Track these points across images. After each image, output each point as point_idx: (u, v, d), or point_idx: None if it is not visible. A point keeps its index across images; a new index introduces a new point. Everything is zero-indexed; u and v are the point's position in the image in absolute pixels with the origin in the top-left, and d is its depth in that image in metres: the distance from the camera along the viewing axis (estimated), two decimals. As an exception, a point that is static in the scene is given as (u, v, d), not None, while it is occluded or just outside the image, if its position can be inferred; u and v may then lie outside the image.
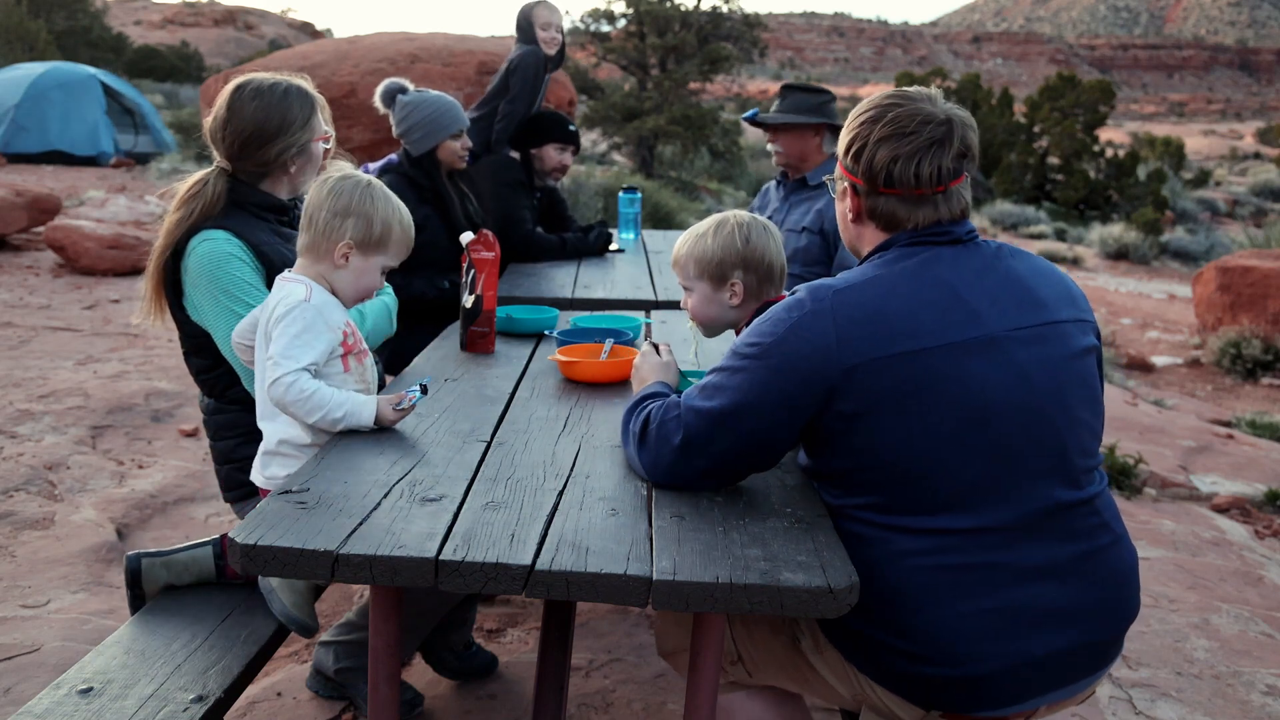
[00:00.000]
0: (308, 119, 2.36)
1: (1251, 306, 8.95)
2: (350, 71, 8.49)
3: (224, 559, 2.22)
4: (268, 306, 2.03)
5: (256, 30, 67.91)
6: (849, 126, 1.77)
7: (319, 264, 2.07)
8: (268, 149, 2.32)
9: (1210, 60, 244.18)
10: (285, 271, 2.10)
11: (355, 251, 2.05)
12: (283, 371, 1.92)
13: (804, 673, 1.77)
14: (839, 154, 1.80)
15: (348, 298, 2.10)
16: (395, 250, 2.12)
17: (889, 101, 1.74)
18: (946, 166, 1.69)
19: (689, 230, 2.22)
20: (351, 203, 2.04)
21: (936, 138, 1.68)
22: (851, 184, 1.76)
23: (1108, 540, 1.67)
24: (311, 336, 1.96)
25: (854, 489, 1.65)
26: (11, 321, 6.56)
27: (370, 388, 2.11)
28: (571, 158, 4.31)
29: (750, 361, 1.64)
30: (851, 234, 1.82)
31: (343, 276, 2.07)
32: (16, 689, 2.63)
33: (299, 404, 1.92)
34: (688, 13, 21.63)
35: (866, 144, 1.71)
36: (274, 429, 2.03)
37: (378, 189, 2.09)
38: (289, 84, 2.37)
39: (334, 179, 2.07)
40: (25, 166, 14.60)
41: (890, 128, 1.69)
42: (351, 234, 2.04)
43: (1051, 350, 1.64)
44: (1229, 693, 2.93)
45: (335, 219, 2.03)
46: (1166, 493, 4.83)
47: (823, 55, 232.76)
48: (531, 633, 3.07)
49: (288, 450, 2.02)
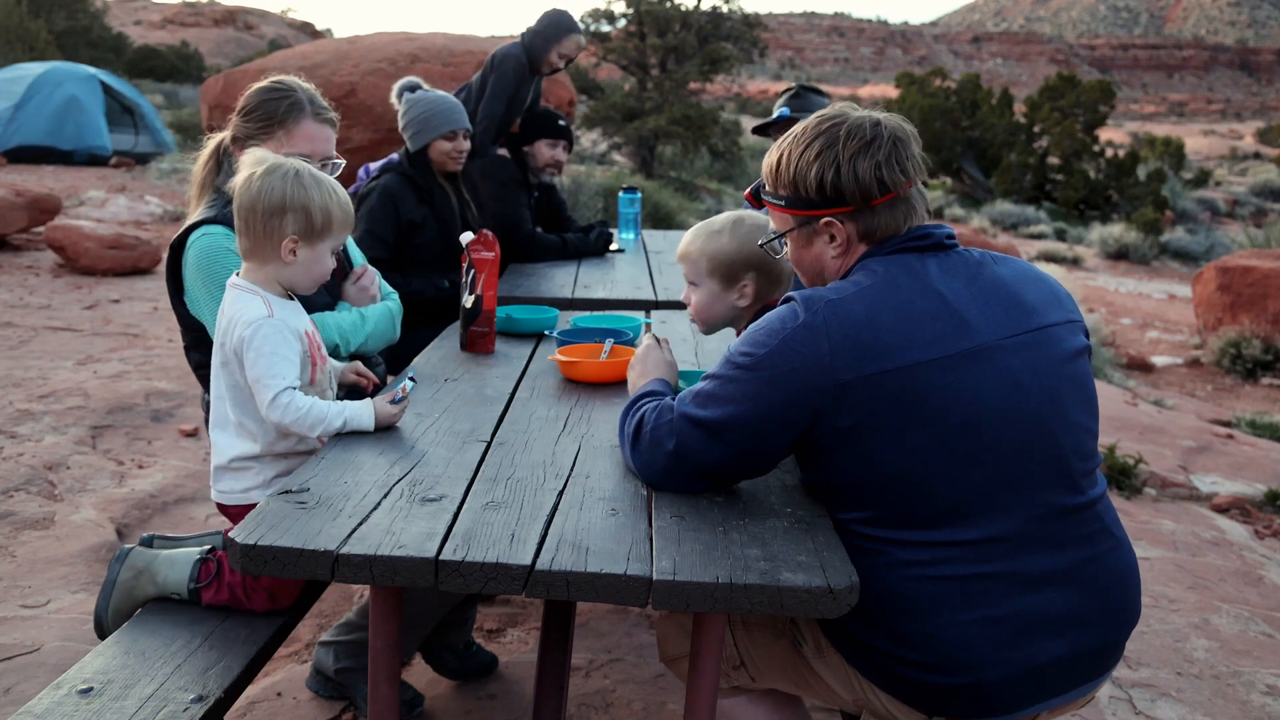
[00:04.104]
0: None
1: (1251, 306, 8.95)
2: (350, 71, 8.48)
3: (199, 581, 2.07)
4: (224, 316, 2.00)
5: (256, 30, 67.90)
6: (803, 167, 1.70)
7: (266, 265, 2.02)
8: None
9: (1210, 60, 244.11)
10: (235, 277, 2.05)
11: (301, 244, 2.00)
12: (274, 394, 1.92)
13: (805, 676, 1.76)
14: (802, 200, 1.71)
15: (304, 288, 2.08)
16: (339, 231, 2.06)
17: (828, 125, 1.70)
18: (918, 155, 1.71)
19: (701, 225, 2.15)
20: (285, 197, 1.97)
21: (892, 134, 1.69)
22: (835, 217, 1.70)
23: (1108, 545, 1.66)
24: (286, 351, 1.95)
25: (849, 503, 1.64)
26: (11, 321, 6.56)
27: (330, 394, 2.12)
28: (564, 153, 4.30)
29: (743, 373, 1.63)
30: (832, 270, 1.75)
31: (294, 271, 2.03)
32: (16, 689, 2.63)
33: (299, 422, 1.93)
34: (688, 13, 21.62)
35: (839, 167, 1.67)
36: (227, 442, 2.04)
37: (305, 174, 2.01)
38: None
39: (258, 175, 1.98)
40: (25, 166, 14.59)
41: (854, 142, 1.67)
42: (293, 229, 1.98)
43: (1043, 355, 1.64)
44: (1229, 693, 2.93)
45: (273, 218, 1.97)
46: (1166, 493, 4.83)
47: (823, 55, 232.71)
48: (531, 633, 3.07)
49: (240, 465, 2.04)
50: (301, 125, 2.39)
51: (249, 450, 2.03)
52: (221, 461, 2.06)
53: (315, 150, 2.41)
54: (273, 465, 2.05)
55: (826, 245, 1.74)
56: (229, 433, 2.05)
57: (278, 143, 2.37)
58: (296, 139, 2.38)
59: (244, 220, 2.00)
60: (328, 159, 2.44)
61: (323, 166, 2.41)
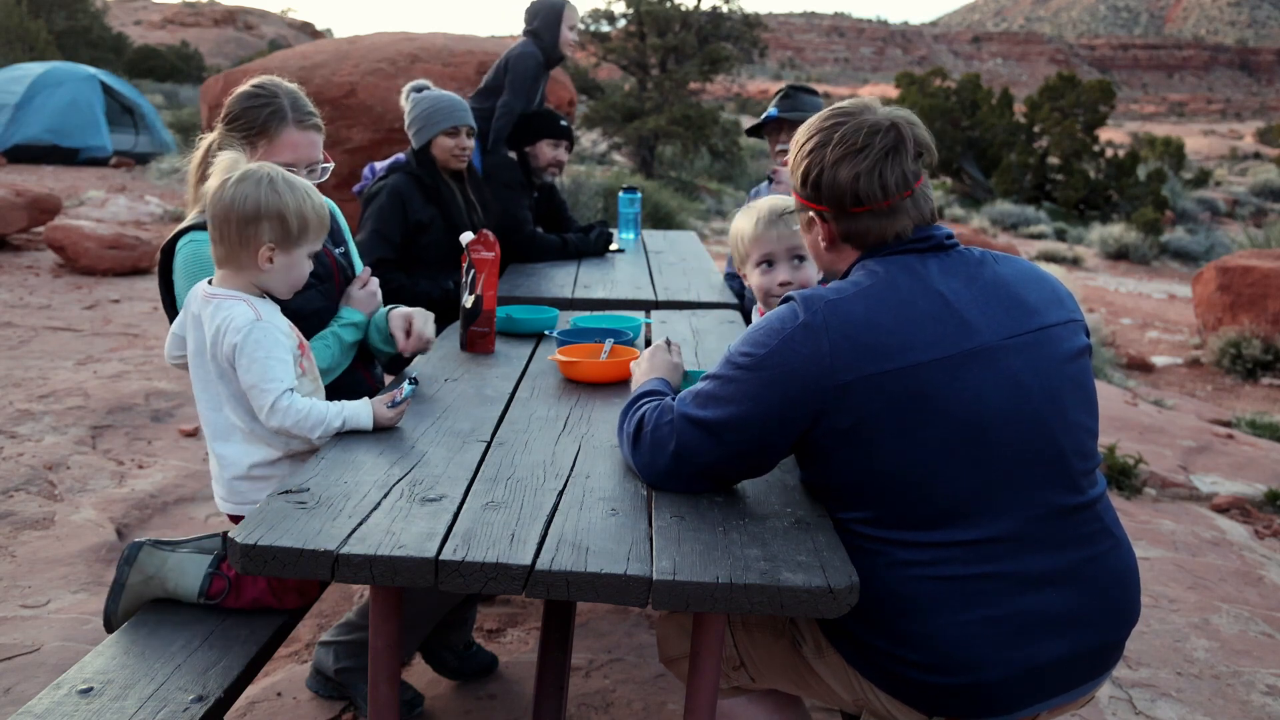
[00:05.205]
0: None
1: (1251, 306, 8.94)
2: (350, 71, 8.47)
3: (211, 598, 2.05)
4: (207, 326, 1.97)
5: (256, 30, 67.90)
6: (799, 157, 1.74)
7: (243, 273, 2.00)
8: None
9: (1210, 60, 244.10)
10: (205, 284, 2.03)
11: (278, 251, 1.99)
12: (273, 399, 1.91)
13: (805, 676, 1.76)
14: (796, 187, 1.77)
15: (281, 294, 2.06)
16: (315, 236, 2.04)
17: (831, 122, 1.71)
18: (909, 169, 1.68)
19: (749, 218, 2.24)
20: (260, 205, 1.95)
21: (890, 145, 1.66)
22: (818, 213, 1.73)
23: (1108, 545, 1.66)
24: (280, 353, 1.95)
25: (849, 503, 1.64)
26: (11, 321, 6.56)
27: (318, 385, 2.11)
28: (566, 153, 4.32)
29: (743, 373, 1.63)
30: (827, 260, 1.79)
31: (272, 278, 2.02)
32: (16, 689, 2.63)
33: (299, 425, 1.92)
34: (688, 13, 21.64)
35: (823, 169, 1.68)
36: (240, 452, 2.02)
37: (279, 180, 1.99)
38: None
39: (231, 183, 1.96)
40: (25, 166, 14.59)
41: (842, 148, 1.67)
42: (269, 236, 1.97)
43: (1044, 356, 1.64)
44: (1229, 693, 2.93)
45: (248, 226, 1.95)
46: (1166, 493, 4.83)
47: (823, 55, 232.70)
48: (531, 633, 3.07)
49: (261, 472, 2.02)
50: (284, 134, 2.35)
51: (267, 456, 2.02)
52: (239, 472, 2.03)
53: (299, 158, 2.37)
54: (291, 468, 2.03)
55: (818, 235, 1.77)
56: (236, 442, 2.02)
57: (261, 152, 2.34)
58: (279, 148, 2.35)
59: (218, 229, 1.97)
60: (314, 164, 2.42)
61: (310, 172, 2.38)
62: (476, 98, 4.63)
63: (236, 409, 2.01)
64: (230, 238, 1.96)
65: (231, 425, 2.03)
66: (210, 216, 1.98)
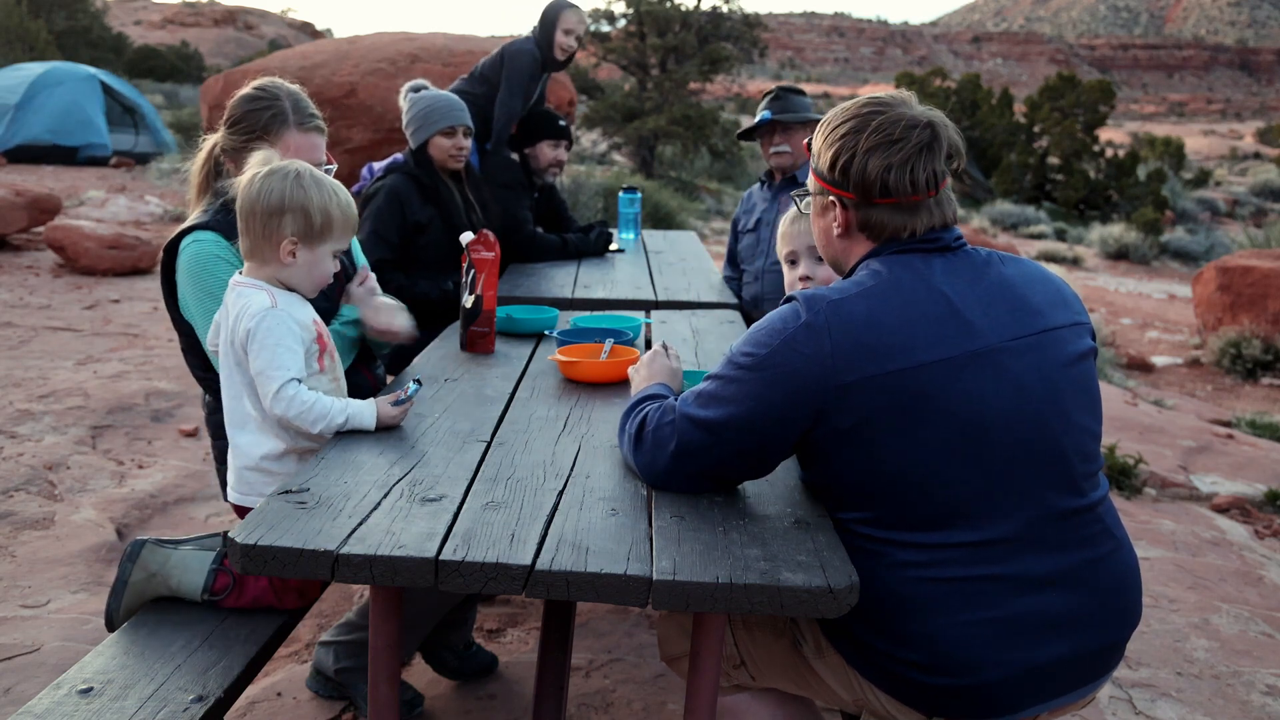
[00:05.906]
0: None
1: (1251, 306, 8.94)
2: (350, 71, 8.47)
3: (215, 594, 2.05)
4: (229, 314, 2.00)
5: (256, 30, 67.90)
6: (829, 140, 1.72)
7: (266, 266, 2.02)
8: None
9: (1210, 60, 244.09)
10: (237, 275, 2.05)
11: (301, 246, 2.00)
12: (277, 387, 1.91)
13: (805, 676, 1.76)
14: (819, 170, 1.75)
15: (306, 291, 2.07)
16: (340, 234, 2.05)
17: (869, 110, 1.70)
18: (939, 169, 1.67)
19: (786, 214, 2.24)
20: (284, 198, 1.97)
21: (925, 141, 1.65)
22: (839, 199, 1.72)
23: (1109, 547, 1.66)
24: (290, 341, 1.95)
25: (850, 503, 1.64)
26: (11, 321, 6.56)
27: (341, 385, 2.11)
28: (565, 153, 4.32)
29: (744, 373, 1.62)
30: (837, 249, 1.77)
31: (294, 273, 2.03)
32: (16, 689, 2.63)
33: (302, 416, 1.92)
34: (688, 13, 21.64)
35: (855, 155, 1.67)
36: (252, 441, 2.02)
37: (306, 176, 2.01)
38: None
39: (259, 177, 1.99)
40: (25, 166, 14.59)
41: (877, 136, 1.65)
42: (292, 230, 1.98)
43: (1048, 358, 1.63)
44: (1229, 693, 2.93)
45: (271, 219, 1.97)
46: (1166, 493, 4.83)
47: (823, 55, 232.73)
48: (531, 633, 3.07)
49: (268, 465, 2.02)
50: (285, 136, 2.35)
51: (275, 448, 2.02)
52: (249, 462, 2.04)
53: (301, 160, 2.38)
54: (297, 465, 2.03)
55: (832, 221, 1.75)
56: (251, 430, 2.03)
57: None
58: (281, 150, 2.33)
59: (244, 220, 2.00)
60: (317, 165, 2.41)
61: None
62: (465, 81, 4.60)
63: (252, 396, 2.02)
64: (255, 230, 1.99)
65: (248, 414, 2.04)
66: (238, 208, 2.01)
